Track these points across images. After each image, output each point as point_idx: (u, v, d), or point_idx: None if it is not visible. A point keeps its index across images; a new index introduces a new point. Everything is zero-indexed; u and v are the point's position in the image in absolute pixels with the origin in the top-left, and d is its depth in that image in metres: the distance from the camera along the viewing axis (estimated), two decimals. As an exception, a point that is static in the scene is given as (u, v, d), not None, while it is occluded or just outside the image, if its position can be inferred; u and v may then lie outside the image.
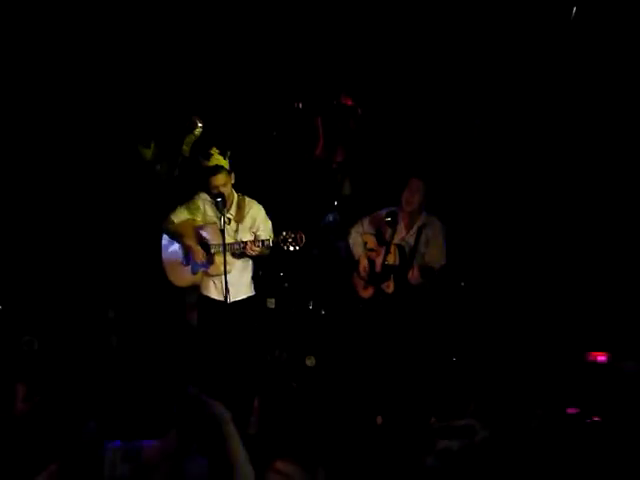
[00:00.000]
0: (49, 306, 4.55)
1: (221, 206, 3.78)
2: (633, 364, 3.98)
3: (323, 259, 4.94)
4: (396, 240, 4.13)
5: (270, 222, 4.06)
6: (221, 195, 3.80)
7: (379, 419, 3.97)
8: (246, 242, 3.91)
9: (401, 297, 4.11)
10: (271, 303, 4.78)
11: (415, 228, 4.16)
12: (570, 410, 3.73)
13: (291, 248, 3.80)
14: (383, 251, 4.10)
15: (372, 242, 4.21)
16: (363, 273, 4.21)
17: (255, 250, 3.88)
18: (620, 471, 2.48)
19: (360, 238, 4.25)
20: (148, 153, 4.55)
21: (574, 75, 4.70)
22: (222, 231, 3.78)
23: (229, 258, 3.84)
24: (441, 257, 4.14)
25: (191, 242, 3.98)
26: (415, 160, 5.04)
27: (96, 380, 4.03)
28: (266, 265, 4.47)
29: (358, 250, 4.25)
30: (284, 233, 3.84)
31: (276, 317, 4.65)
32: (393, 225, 4.04)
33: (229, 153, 3.89)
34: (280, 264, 4.67)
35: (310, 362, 4.45)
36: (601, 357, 4.32)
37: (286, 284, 4.66)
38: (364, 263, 4.20)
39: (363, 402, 4.07)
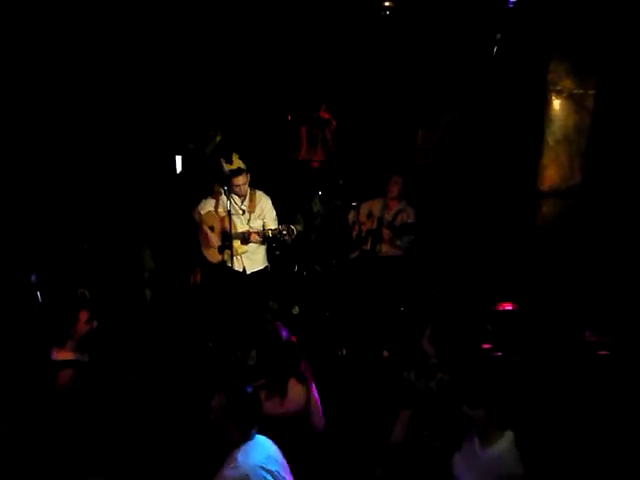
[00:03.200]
0: (97, 267, 5.07)
1: (228, 194, 4.42)
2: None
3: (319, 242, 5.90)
4: (379, 215, 5.26)
5: (274, 211, 4.69)
6: (229, 185, 4.43)
7: (343, 351, 4.83)
8: (250, 233, 4.51)
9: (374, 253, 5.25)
10: (295, 310, 5.33)
11: (394, 211, 5.25)
12: (485, 346, 5.07)
13: (286, 238, 4.44)
14: (369, 222, 5.30)
15: (363, 217, 5.31)
16: (354, 238, 5.30)
17: (256, 239, 4.55)
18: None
19: (354, 216, 5.32)
20: (191, 146, 5.68)
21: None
22: (229, 212, 4.40)
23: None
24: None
25: (212, 230, 4.62)
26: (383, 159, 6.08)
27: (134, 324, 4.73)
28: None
29: (351, 222, 5.35)
30: (280, 227, 4.44)
31: (270, 278, 5.15)
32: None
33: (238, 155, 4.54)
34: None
35: (295, 311, 5.34)
36: (508, 307, 5.67)
37: (277, 252, 5.43)
38: (356, 231, 5.33)
39: (332, 339, 4.93)
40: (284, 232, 4.41)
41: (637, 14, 4.80)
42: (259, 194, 4.71)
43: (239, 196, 4.64)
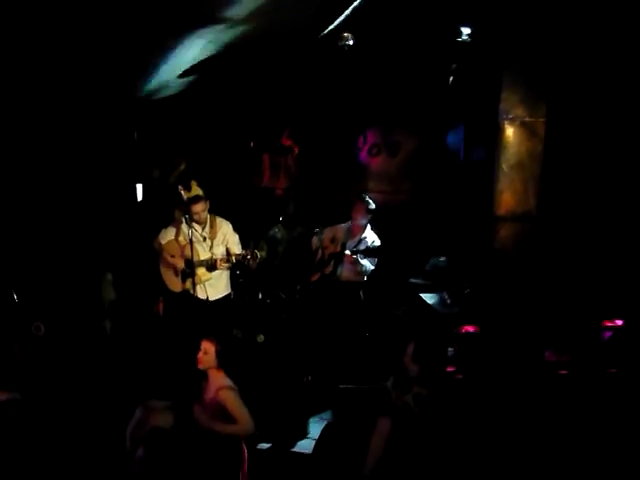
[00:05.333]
0: (53, 298, 4.97)
1: (189, 222, 4.49)
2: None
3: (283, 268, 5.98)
4: (343, 240, 5.31)
5: (237, 235, 4.74)
6: (189, 212, 4.47)
7: (307, 378, 4.90)
8: (216, 260, 4.55)
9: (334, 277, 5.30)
10: (260, 338, 5.33)
11: (357, 238, 5.30)
12: (449, 368, 5.13)
13: (250, 263, 4.57)
14: (332, 246, 5.31)
15: (327, 241, 5.35)
16: (316, 262, 5.33)
17: (222, 266, 4.59)
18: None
19: (317, 241, 5.35)
20: (156, 173, 5.66)
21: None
22: (190, 240, 4.44)
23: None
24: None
25: (173, 259, 4.64)
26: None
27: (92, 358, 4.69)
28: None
29: (314, 246, 5.37)
30: (244, 252, 4.55)
31: (234, 306, 5.22)
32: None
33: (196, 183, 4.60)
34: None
35: (259, 339, 5.32)
36: (471, 329, 5.75)
37: (240, 280, 5.48)
38: (319, 255, 5.33)
39: (296, 365, 5.00)
40: (248, 257, 4.48)
41: (583, 47, 5.07)
42: (219, 220, 4.74)
43: (199, 223, 4.63)
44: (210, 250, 4.67)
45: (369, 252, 5.22)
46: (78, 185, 5.39)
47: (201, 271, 4.59)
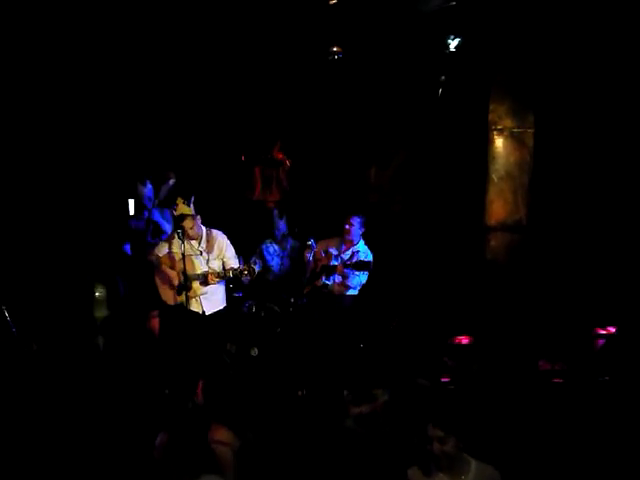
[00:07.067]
0: (45, 315, 4.97)
1: (181, 236, 4.52)
2: None
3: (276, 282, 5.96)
4: (336, 253, 5.42)
5: (232, 247, 4.75)
6: (181, 228, 4.53)
7: (300, 393, 4.77)
8: (207, 274, 4.55)
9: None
10: (254, 352, 5.32)
11: (350, 252, 5.38)
12: (444, 379, 5.14)
13: (248, 278, 4.62)
14: (324, 259, 5.40)
15: (319, 253, 5.43)
16: (309, 274, 5.37)
17: (214, 280, 4.62)
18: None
19: (310, 253, 5.37)
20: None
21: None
22: (183, 254, 4.46)
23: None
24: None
25: (171, 271, 4.64)
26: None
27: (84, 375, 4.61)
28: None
29: (307, 260, 5.40)
30: (240, 267, 4.60)
31: (228, 320, 5.18)
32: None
33: (192, 198, 4.56)
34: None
35: (253, 352, 5.28)
36: (465, 340, 5.59)
37: (234, 294, 5.44)
38: (312, 266, 5.37)
39: (290, 380, 4.87)
40: (245, 272, 4.50)
41: (570, 57, 5.16)
42: (215, 234, 4.76)
43: (194, 239, 4.62)
44: (207, 264, 4.65)
45: (361, 265, 5.25)
46: (69, 200, 5.37)
47: (196, 285, 4.59)
